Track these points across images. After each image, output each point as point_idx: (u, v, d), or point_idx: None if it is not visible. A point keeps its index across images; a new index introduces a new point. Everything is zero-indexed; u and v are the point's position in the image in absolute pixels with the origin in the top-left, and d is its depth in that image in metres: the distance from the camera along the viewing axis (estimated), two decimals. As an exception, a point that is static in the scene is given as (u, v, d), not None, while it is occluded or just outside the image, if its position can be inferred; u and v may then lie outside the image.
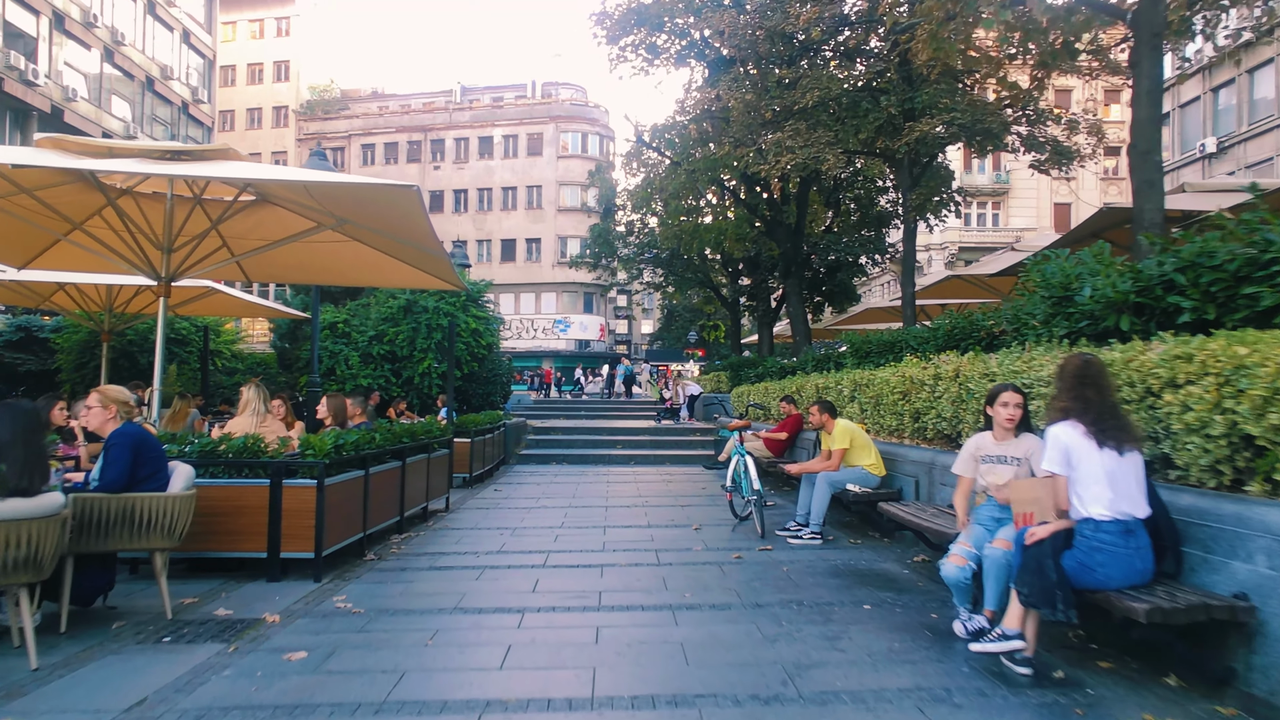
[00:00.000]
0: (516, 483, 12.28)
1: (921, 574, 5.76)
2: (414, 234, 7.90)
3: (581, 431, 18.01)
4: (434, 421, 9.08)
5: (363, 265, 9.96)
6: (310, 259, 9.96)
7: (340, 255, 9.77)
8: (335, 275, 10.55)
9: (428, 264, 9.31)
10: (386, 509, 7.13)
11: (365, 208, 7.69)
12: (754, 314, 26.54)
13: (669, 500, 10.18)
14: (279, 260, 10.02)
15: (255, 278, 10.48)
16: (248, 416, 6.54)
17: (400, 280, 10.75)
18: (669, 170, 18.28)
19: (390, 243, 8.69)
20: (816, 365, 13.74)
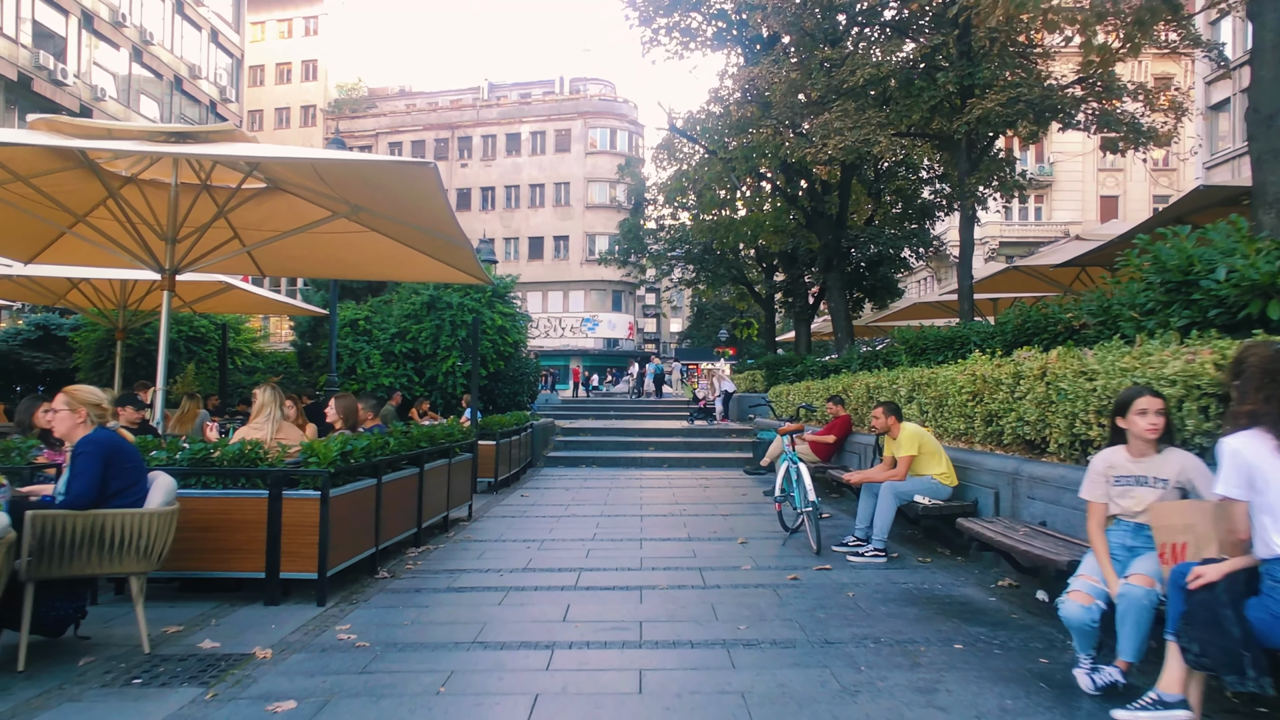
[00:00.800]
0: (544, 487, 11.63)
1: (1012, 603, 4.98)
2: (434, 220, 7.28)
3: (612, 433, 17.33)
4: (455, 423, 8.44)
5: (382, 258, 9.42)
6: (326, 251, 9.42)
7: (358, 247, 9.23)
8: (353, 269, 9.96)
9: (450, 255, 8.72)
10: (402, 520, 6.49)
11: (381, 192, 7.06)
12: (790, 310, 25.67)
13: (708, 509, 9.46)
14: (294, 252, 9.49)
15: (270, 271, 9.93)
16: (262, 422, 5.88)
17: (422, 274, 10.15)
18: (703, 161, 17.51)
19: (410, 232, 8.11)
20: (864, 363, 12.94)
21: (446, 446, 7.76)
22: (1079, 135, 18.64)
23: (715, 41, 15.57)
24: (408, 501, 6.62)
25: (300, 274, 10.82)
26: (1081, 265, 12.09)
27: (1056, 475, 5.14)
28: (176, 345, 14.69)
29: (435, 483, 7.38)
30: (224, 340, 13.94)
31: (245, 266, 9.62)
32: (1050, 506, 5.14)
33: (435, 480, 7.37)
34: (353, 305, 14.77)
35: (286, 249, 9.36)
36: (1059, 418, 5.46)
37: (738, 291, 29.83)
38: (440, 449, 7.60)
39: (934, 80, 12.15)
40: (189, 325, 14.91)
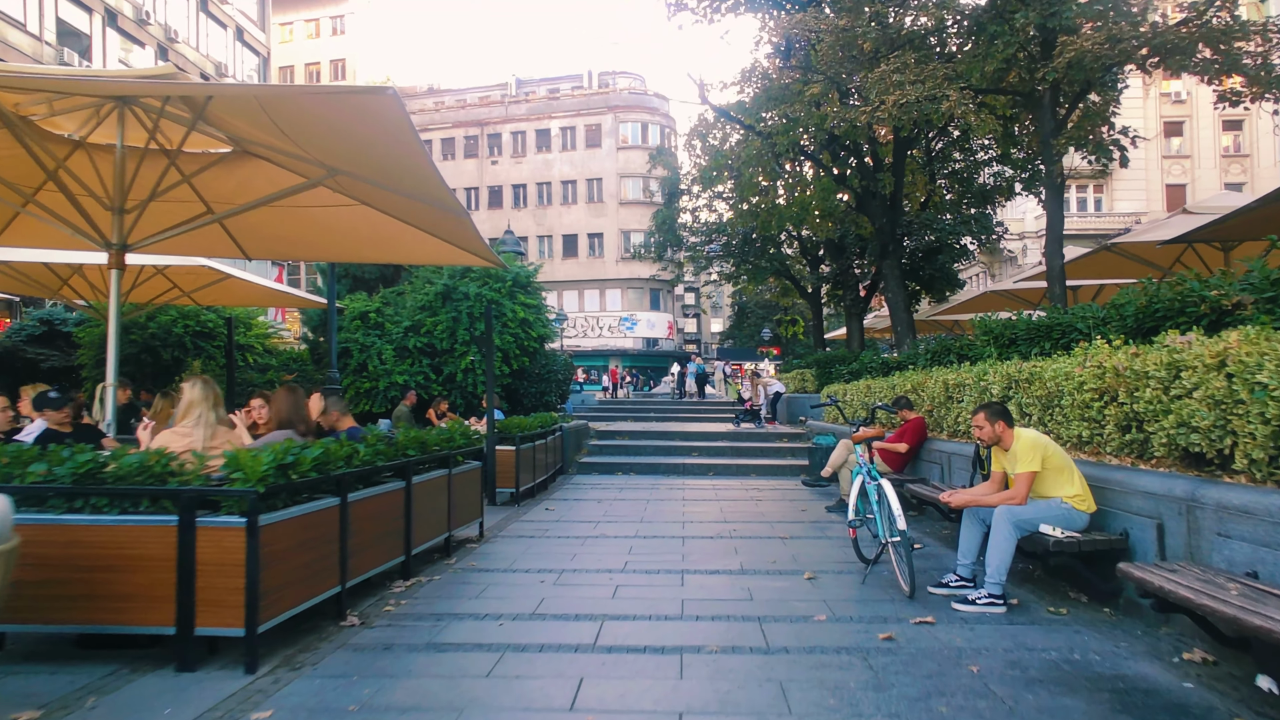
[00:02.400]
0: (573, 499, 10.28)
1: (1220, 691, 3.47)
2: (418, 181, 6.01)
3: (651, 436, 15.94)
4: (460, 426, 7.12)
5: (377, 237, 8.24)
6: (315, 231, 8.25)
7: (349, 225, 8.05)
8: (346, 250, 8.74)
9: (451, 232, 7.49)
10: (382, 549, 5.17)
11: (350, 143, 5.80)
12: (840, 304, 24.01)
13: (763, 528, 8.02)
14: (279, 233, 8.34)
15: (255, 254, 8.74)
16: (190, 425, 4.55)
17: (423, 254, 8.89)
18: (740, 140, 16.06)
19: (401, 204, 6.91)
20: (934, 358, 11.39)
21: (445, 454, 6.45)
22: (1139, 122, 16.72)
23: (750, 1, 14.04)
24: (389, 524, 5.30)
25: (288, 256, 9.64)
26: (1189, 242, 10.41)
27: (1269, 506, 3.63)
28: (182, 341, 13.65)
29: (430, 499, 6.06)
30: (230, 334, 12.80)
31: (226, 249, 8.43)
32: (1263, 551, 3.63)
33: (430, 496, 6.06)
34: (363, 297, 13.61)
35: (271, 228, 8.23)
36: (1255, 423, 3.94)
37: (781, 286, 28.21)
38: (436, 457, 6.29)
39: (1009, 24, 10.50)
40: (195, 319, 13.86)
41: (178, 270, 11.05)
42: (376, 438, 5.26)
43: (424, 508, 5.89)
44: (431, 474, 6.14)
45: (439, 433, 6.51)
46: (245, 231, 8.23)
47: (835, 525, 8.14)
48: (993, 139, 18.58)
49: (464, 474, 7.00)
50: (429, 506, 6.02)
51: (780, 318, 34.28)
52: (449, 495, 6.49)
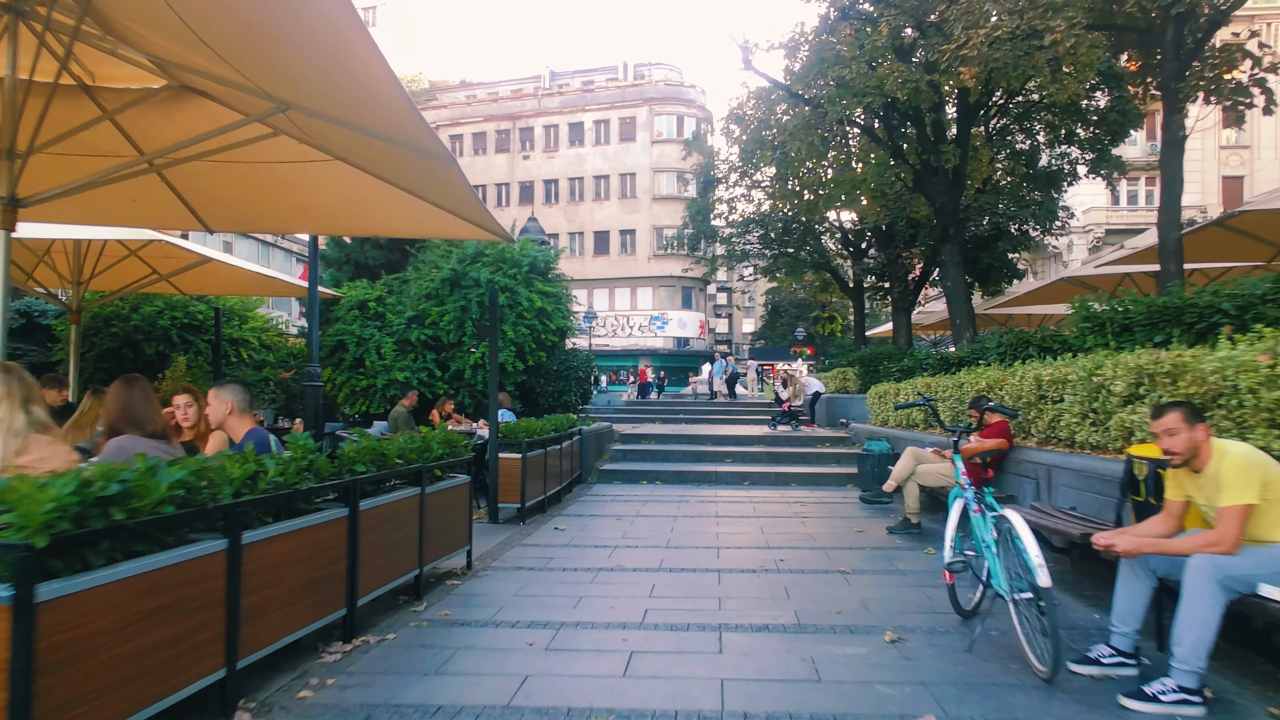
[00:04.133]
0: (590, 515, 8.84)
1: None
2: (389, 115, 4.64)
3: (680, 440, 14.46)
4: (442, 432, 5.71)
5: (356, 201, 6.91)
6: (283, 196, 6.93)
7: (321, 188, 6.74)
8: (320, 219, 7.38)
9: (443, 194, 6.15)
10: (301, 606, 3.74)
11: (298, 57, 4.42)
12: (885, 298, 22.27)
13: (815, 556, 6.50)
14: (242, 198, 7.04)
15: (217, 225, 7.42)
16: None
17: (411, 224, 7.50)
18: (785, 111, 14.52)
19: (377, 155, 5.56)
20: (1008, 351, 9.78)
21: (416, 468, 5.04)
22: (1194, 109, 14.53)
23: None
24: (320, 568, 3.88)
25: (256, 227, 8.33)
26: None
27: None
28: (168, 334, 12.46)
29: (390, 529, 4.65)
30: (218, 326, 11.58)
31: (181, 219, 7.12)
32: None
33: (390, 525, 4.64)
34: (364, 284, 12.29)
35: (231, 193, 6.93)
36: None
37: (820, 281, 26.55)
38: (403, 473, 4.88)
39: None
40: (183, 311, 12.66)
41: (155, 252, 9.86)
42: (304, 450, 3.85)
43: (380, 541, 4.48)
44: (394, 495, 4.73)
45: (406, 441, 5.10)
46: (200, 196, 6.92)
47: (903, 553, 6.61)
48: (1058, 117, 16.86)
49: (446, 493, 5.58)
50: (388, 539, 4.60)
51: (817, 314, 32.51)
52: (420, 521, 5.08)
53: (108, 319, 12.20)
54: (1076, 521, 5.25)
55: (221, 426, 4.43)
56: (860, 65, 12.46)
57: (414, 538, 5.00)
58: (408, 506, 4.91)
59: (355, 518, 4.16)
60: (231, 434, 4.38)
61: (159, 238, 8.30)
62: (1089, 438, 6.52)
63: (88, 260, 9.59)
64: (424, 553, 5.12)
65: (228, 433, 4.42)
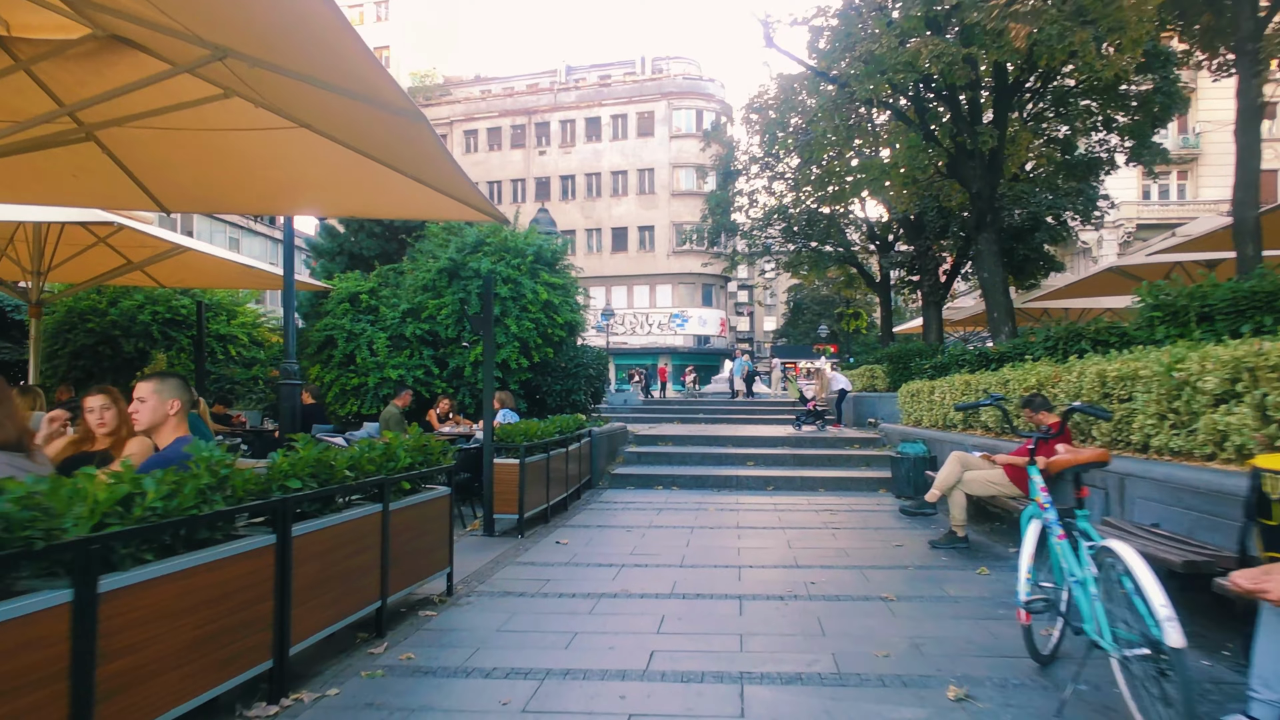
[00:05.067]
0: (597, 525, 8.01)
1: None
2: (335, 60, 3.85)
3: (698, 441, 13.60)
4: (414, 439, 4.90)
5: (325, 177, 6.13)
6: (245, 170, 6.16)
7: (285, 160, 5.94)
8: (288, 197, 6.58)
9: (418, 162, 5.33)
10: (204, 664, 2.91)
11: (234, 4, 3.64)
12: (914, 293, 21.24)
13: (852, 579, 5.62)
14: (198, 174, 6.27)
15: (175, 206, 6.62)
16: None
17: (388, 203, 6.66)
18: (812, 88, 13.59)
19: (341, 118, 4.79)
20: (1058, 345, 8.85)
21: (375, 481, 4.23)
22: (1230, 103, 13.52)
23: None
24: (234, 615, 3.07)
25: (218, 208, 7.55)
26: None
27: None
28: (149, 330, 11.79)
29: (339, 557, 3.84)
30: (200, 320, 10.87)
31: (132, 197, 6.37)
32: None
33: (338, 552, 3.84)
34: (355, 276, 11.53)
35: (186, 168, 6.17)
36: None
37: (845, 276, 25.52)
38: (356, 488, 4.07)
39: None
40: (165, 305, 11.98)
41: (129, 240, 9.18)
42: (209, 462, 3.04)
43: (323, 573, 3.67)
44: (345, 515, 3.92)
45: (363, 449, 4.29)
46: (151, 172, 6.16)
47: (951, 574, 5.73)
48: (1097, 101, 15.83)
49: (418, 508, 4.77)
50: (335, 569, 3.80)
51: (841, 311, 31.45)
52: (383, 544, 4.27)
53: (83, 313, 11.55)
54: (1172, 545, 4.35)
55: (153, 431, 3.60)
56: (891, 39, 11.54)
57: (374, 564, 4.19)
58: (364, 527, 4.10)
59: (286, 546, 3.35)
60: (160, 440, 3.57)
61: (117, 220, 7.55)
62: (1169, 442, 5.60)
63: (47, 247, 8.89)
64: (387, 581, 4.30)
65: (155, 439, 3.60)
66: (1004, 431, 10.11)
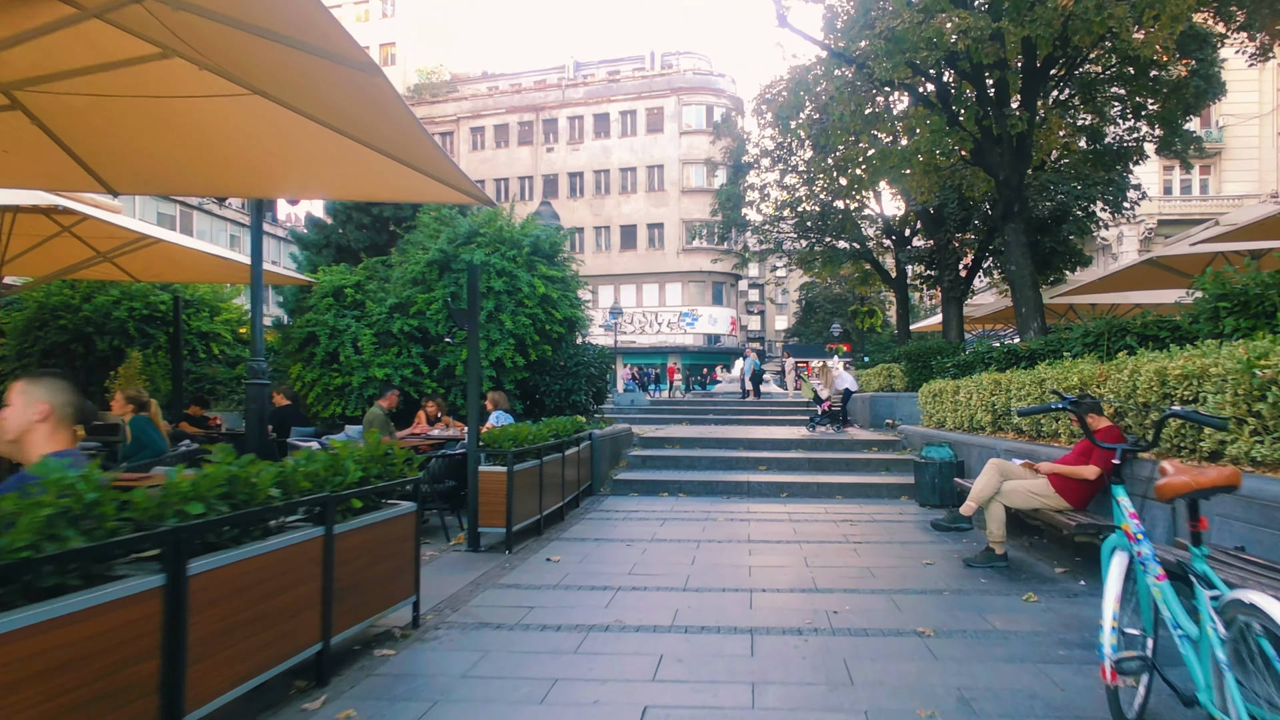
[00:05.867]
0: (594, 539, 7.30)
1: None
2: None
3: (708, 444, 12.87)
4: (372, 443, 4.21)
5: (285, 151, 5.51)
6: (195, 143, 5.55)
7: (238, 133, 5.34)
8: (244, 176, 5.91)
9: (386, 136, 4.72)
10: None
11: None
12: (935, 287, 20.41)
13: (880, 606, 4.88)
14: (145, 148, 5.66)
15: (122, 186, 5.99)
16: None
17: (366, 184, 6.00)
18: (827, 70, 12.83)
19: (295, 78, 4.16)
20: (1097, 342, 8.08)
21: (317, 500, 3.54)
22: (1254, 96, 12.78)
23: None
24: (104, 680, 2.38)
25: (174, 189, 6.88)
26: None
27: None
28: (125, 327, 11.18)
29: (260, 595, 3.14)
30: (177, 316, 10.25)
31: (73, 177, 5.73)
32: None
33: (260, 589, 3.14)
34: (341, 269, 10.86)
35: (131, 142, 5.55)
36: None
37: (859, 272, 24.71)
38: (284, 509, 3.38)
39: None
40: (143, 301, 11.38)
41: (96, 231, 8.59)
42: (58, 484, 2.35)
43: (238, 616, 2.98)
44: (271, 544, 3.23)
45: (300, 462, 3.60)
46: (92, 146, 5.52)
47: (994, 600, 4.98)
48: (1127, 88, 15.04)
49: (376, 529, 4.08)
50: (256, 611, 3.10)
51: (855, 309, 30.62)
52: (326, 576, 3.58)
53: (55, 310, 10.96)
54: (1268, 574, 3.60)
55: (20, 440, 2.90)
56: (913, 15, 10.79)
57: (312, 599, 3.50)
58: (299, 557, 3.41)
59: (180, 588, 2.66)
60: (26, 454, 2.87)
61: (75, 206, 6.92)
62: (1250, 450, 4.84)
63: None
64: (331, 619, 3.61)
65: (24, 450, 2.89)
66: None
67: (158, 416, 6.53)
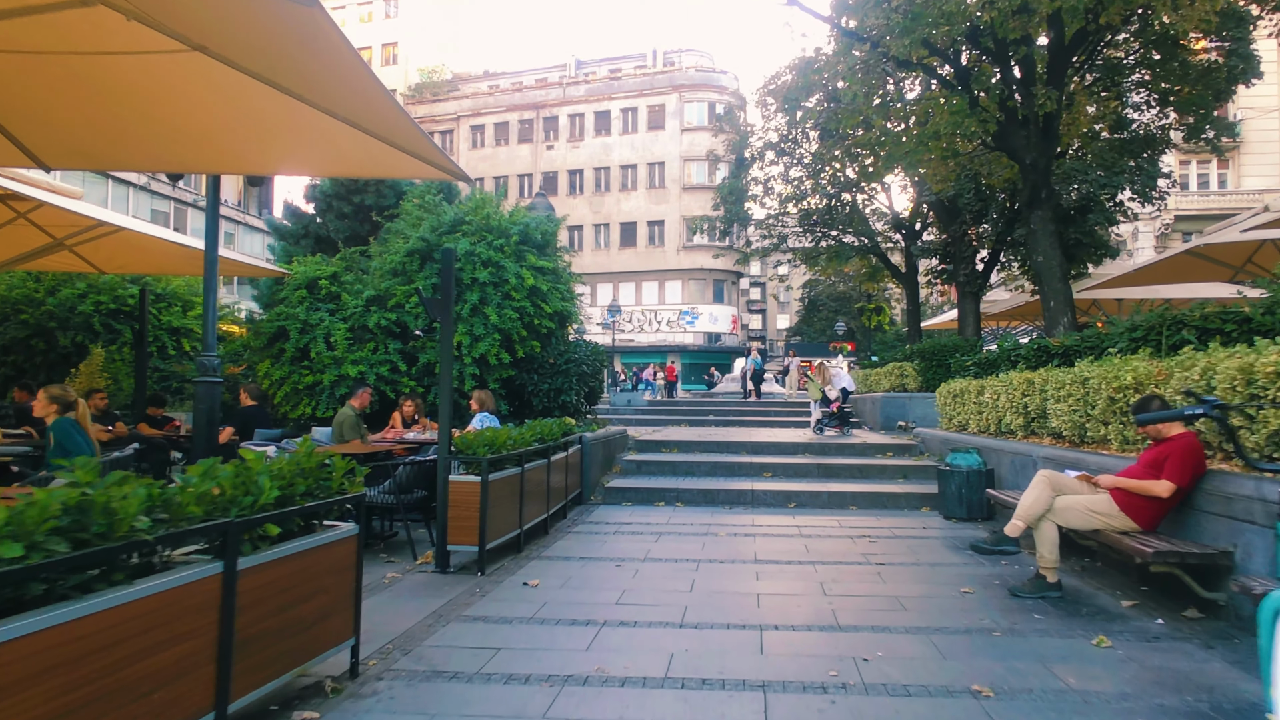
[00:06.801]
0: (581, 557, 6.49)
1: None
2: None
3: (708, 448, 12.07)
4: (303, 451, 3.40)
5: (232, 119, 4.80)
6: (136, 114, 4.91)
7: (182, 99, 4.68)
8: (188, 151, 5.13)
9: (348, 104, 3.99)
10: None
11: None
12: (950, 282, 19.56)
13: (920, 651, 4.06)
14: (79, 116, 4.97)
15: (55, 161, 5.25)
16: None
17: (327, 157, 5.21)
18: (837, 50, 12.02)
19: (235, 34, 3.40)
20: (1146, 336, 7.26)
21: (220, 526, 2.73)
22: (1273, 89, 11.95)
23: None
24: None
25: (115, 164, 6.06)
26: None
27: None
28: (90, 322, 10.40)
29: (119, 661, 2.34)
30: (143, 309, 9.48)
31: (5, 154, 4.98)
32: None
33: (114, 655, 2.33)
34: (317, 260, 10.06)
35: (61, 111, 4.84)
36: None
37: (867, 268, 23.85)
38: (157, 543, 2.57)
39: None
40: (110, 295, 10.61)
41: (57, 220, 7.89)
42: None
43: (76, 692, 2.18)
44: (136, 590, 2.42)
45: (189, 480, 2.80)
46: (16, 114, 4.81)
47: (1059, 645, 4.13)
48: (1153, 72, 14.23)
49: (298, 561, 3.27)
50: (109, 681, 2.30)
51: (862, 305, 29.75)
52: (223, 624, 2.78)
53: (16, 304, 10.19)
54: None
55: None
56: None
57: (202, 656, 2.70)
58: (180, 605, 2.61)
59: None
60: None
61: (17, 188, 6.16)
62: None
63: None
64: (229, 680, 2.80)
65: None
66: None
67: (85, 419, 5.73)
